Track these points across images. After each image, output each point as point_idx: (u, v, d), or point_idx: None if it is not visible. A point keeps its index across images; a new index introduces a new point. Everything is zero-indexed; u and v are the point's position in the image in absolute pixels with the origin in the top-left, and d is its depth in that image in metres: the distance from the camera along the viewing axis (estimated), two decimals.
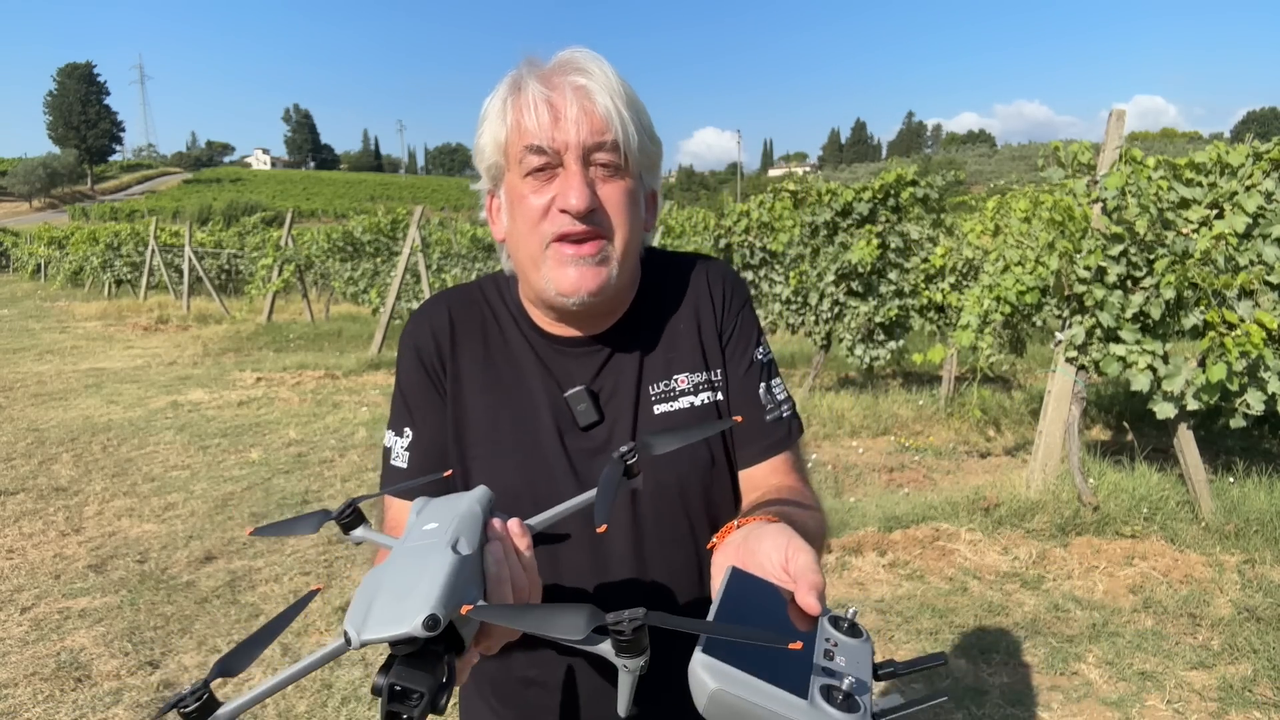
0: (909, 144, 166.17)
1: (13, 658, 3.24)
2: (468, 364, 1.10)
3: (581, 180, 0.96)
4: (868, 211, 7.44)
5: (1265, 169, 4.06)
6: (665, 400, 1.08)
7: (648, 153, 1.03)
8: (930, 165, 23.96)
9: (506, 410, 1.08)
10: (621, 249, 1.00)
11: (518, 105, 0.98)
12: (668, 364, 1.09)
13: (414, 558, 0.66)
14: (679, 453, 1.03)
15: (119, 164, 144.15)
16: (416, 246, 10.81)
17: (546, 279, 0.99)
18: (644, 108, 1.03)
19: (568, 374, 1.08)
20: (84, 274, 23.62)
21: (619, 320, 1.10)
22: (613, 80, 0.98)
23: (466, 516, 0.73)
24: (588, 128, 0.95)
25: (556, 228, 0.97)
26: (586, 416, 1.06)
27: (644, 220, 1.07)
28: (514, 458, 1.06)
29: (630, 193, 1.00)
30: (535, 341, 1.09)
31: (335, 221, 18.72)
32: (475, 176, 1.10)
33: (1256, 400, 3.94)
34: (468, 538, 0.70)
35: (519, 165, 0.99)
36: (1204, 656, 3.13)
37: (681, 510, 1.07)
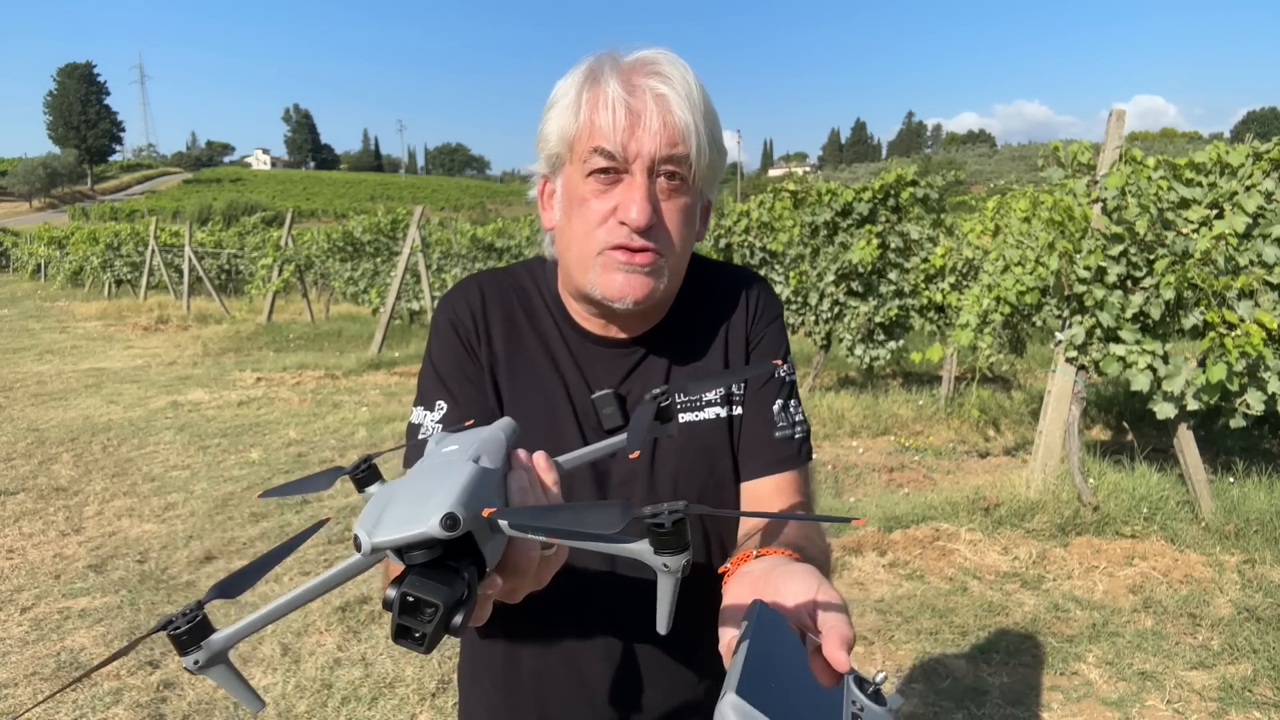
0: (909, 144, 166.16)
1: (13, 658, 3.24)
2: (499, 344, 1.08)
3: (645, 194, 0.94)
4: (868, 211, 7.44)
5: (1265, 169, 4.06)
6: (691, 410, 1.07)
7: (714, 166, 1.01)
8: (930, 165, 23.96)
9: (532, 401, 1.06)
10: (674, 264, 1.00)
11: (594, 101, 0.94)
12: (696, 374, 1.07)
13: (432, 470, 0.61)
14: (703, 464, 1.06)
15: (119, 164, 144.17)
16: (416, 246, 10.82)
17: (594, 283, 0.98)
18: (717, 118, 1.00)
19: (596, 374, 1.07)
20: (84, 274, 23.63)
21: (655, 325, 1.09)
22: (693, 90, 0.96)
23: (490, 440, 0.69)
24: (663, 140, 0.93)
25: (613, 238, 0.95)
26: (611, 420, 1.04)
27: (697, 231, 1.06)
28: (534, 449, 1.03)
29: (689, 209, 1.00)
30: (569, 336, 1.08)
31: (335, 221, 18.73)
32: (475, 176, 1.09)
33: (1256, 400, 3.94)
34: (490, 456, 0.66)
35: (582, 163, 0.96)
36: (1204, 656, 3.13)
37: (697, 522, 1.05)
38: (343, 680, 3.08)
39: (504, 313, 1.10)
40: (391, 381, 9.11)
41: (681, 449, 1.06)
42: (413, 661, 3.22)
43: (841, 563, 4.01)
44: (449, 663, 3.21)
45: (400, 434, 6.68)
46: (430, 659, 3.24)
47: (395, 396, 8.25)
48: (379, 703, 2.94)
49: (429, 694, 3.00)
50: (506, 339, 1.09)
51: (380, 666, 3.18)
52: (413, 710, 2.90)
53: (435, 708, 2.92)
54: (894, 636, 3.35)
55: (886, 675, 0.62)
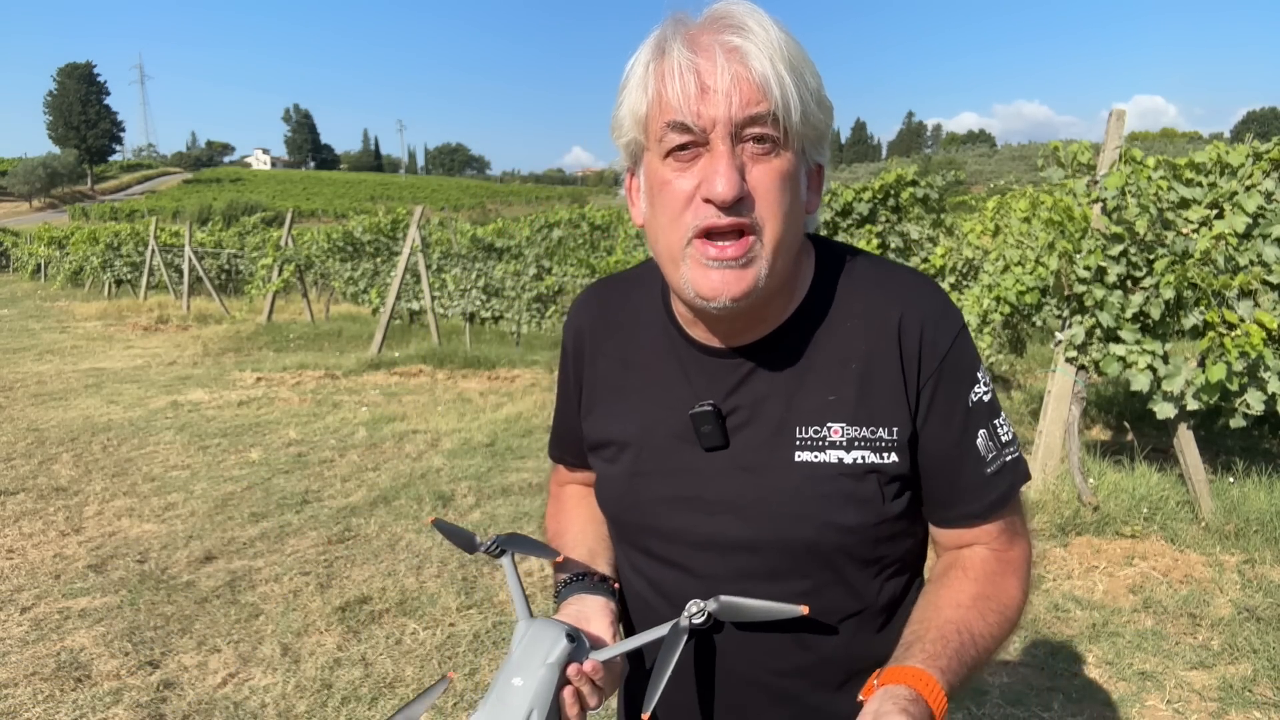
0: (909, 144, 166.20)
1: (13, 658, 3.24)
2: (603, 365, 1.06)
3: (729, 163, 0.81)
4: (868, 211, 7.44)
5: (1265, 169, 4.05)
6: (810, 448, 0.92)
7: (814, 122, 0.87)
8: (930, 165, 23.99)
9: (631, 418, 1.01)
10: (773, 244, 0.86)
11: (660, 73, 0.84)
12: (822, 407, 0.92)
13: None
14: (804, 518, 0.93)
15: (119, 164, 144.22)
16: (416, 246, 10.82)
17: (685, 279, 0.87)
18: (812, 65, 0.87)
19: (702, 387, 0.96)
20: (84, 274, 23.62)
21: (772, 332, 0.94)
22: (774, 36, 0.83)
23: (545, 683, 0.89)
24: (739, 99, 0.81)
25: (700, 220, 0.84)
26: (710, 439, 0.94)
27: (806, 201, 0.92)
28: (628, 467, 1.01)
29: (788, 174, 0.85)
30: (676, 344, 0.99)
31: (335, 221, 18.72)
32: (475, 176, 1.08)
33: (1256, 400, 3.94)
34: (540, 709, 0.87)
35: (659, 144, 0.85)
36: (1204, 656, 3.13)
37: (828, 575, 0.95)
38: (343, 680, 3.08)
39: (617, 325, 1.05)
40: (391, 381, 9.11)
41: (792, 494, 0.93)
42: (413, 661, 3.22)
43: None
44: (449, 663, 3.21)
45: (401, 435, 6.70)
46: (430, 660, 3.24)
47: (395, 396, 8.25)
48: (379, 703, 2.94)
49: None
50: (618, 355, 1.04)
51: (380, 666, 3.18)
52: None
53: (436, 708, 2.92)
54: None
55: None
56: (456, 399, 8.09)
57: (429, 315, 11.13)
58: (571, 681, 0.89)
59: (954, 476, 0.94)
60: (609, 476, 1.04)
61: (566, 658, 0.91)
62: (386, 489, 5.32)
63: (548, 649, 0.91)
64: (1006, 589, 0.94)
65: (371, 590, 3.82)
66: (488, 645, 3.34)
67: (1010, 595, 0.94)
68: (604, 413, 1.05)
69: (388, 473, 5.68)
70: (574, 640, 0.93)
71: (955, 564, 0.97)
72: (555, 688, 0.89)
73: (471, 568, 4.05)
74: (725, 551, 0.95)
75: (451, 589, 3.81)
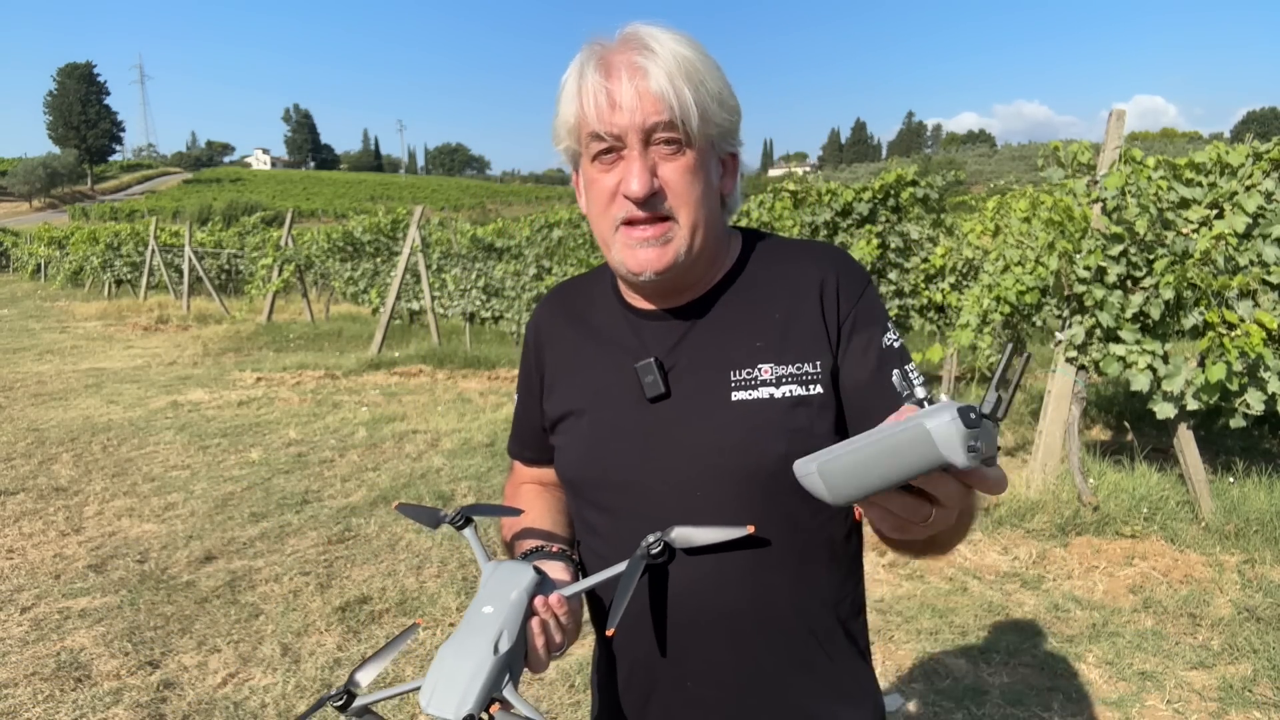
0: (909, 144, 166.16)
1: (13, 658, 3.24)
2: (561, 348, 1.18)
3: (640, 165, 0.98)
4: (868, 211, 7.44)
5: (1265, 169, 4.05)
6: (744, 388, 1.04)
7: (716, 120, 1.02)
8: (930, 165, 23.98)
9: (586, 384, 1.13)
10: (689, 225, 1.02)
11: (580, 92, 1.00)
12: (752, 351, 1.06)
13: (468, 646, 0.93)
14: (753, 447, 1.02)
15: (119, 164, 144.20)
16: (416, 246, 10.81)
17: (618, 259, 1.04)
18: (714, 73, 1.02)
19: (647, 346, 1.09)
20: (84, 274, 23.62)
21: (704, 294, 1.10)
22: (674, 53, 0.98)
23: (514, 605, 0.96)
24: (643, 110, 0.97)
25: (623, 213, 1.01)
26: (653, 389, 1.06)
27: (720, 185, 1.07)
28: (585, 430, 1.12)
29: (693, 168, 1.01)
30: (626, 316, 1.13)
31: (335, 221, 18.71)
32: (475, 176, 1.12)
33: (1256, 400, 3.94)
34: (509, 630, 0.94)
35: (587, 149, 1.02)
36: (1204, 656, 3.13)
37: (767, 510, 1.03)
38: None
39: (573, 315, 1.19)
40: (391, 381, 9.11)
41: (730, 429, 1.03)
42: (413, 661, 3.22)
43: None
44: None
45: (401, 435, 6.70)
46: (430, 660, 3.24)
47: (395, 396, 8.25)
48: (379, 702, 2.94)
49: None
50: (577, 339, 1.17)
51: None
52: (413, 710, 2.90)
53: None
54: (894, 636, 3.35)
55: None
56: (456, 399, 8.09)
57: (429, 315, 11.13)
58: (538, 613, 0.98)
59: (869, 406, 1.03)
60: (568, 444, 1.14)
61: (534, 589, 0.99)
62: (386, 489, 5.32)
63: (515, 581, 0.99)
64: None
65: (371, 590, 3.82)
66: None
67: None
68: (563, 387, 1.16)
69: (388, 473, 5.68)
70: (540, 575, 1.02)
71: None
72: (523, 616, 0.96)
73: (471, 568, 4.05)
74: (675, 493, 1.05)
75: (451, 589, 3.81)
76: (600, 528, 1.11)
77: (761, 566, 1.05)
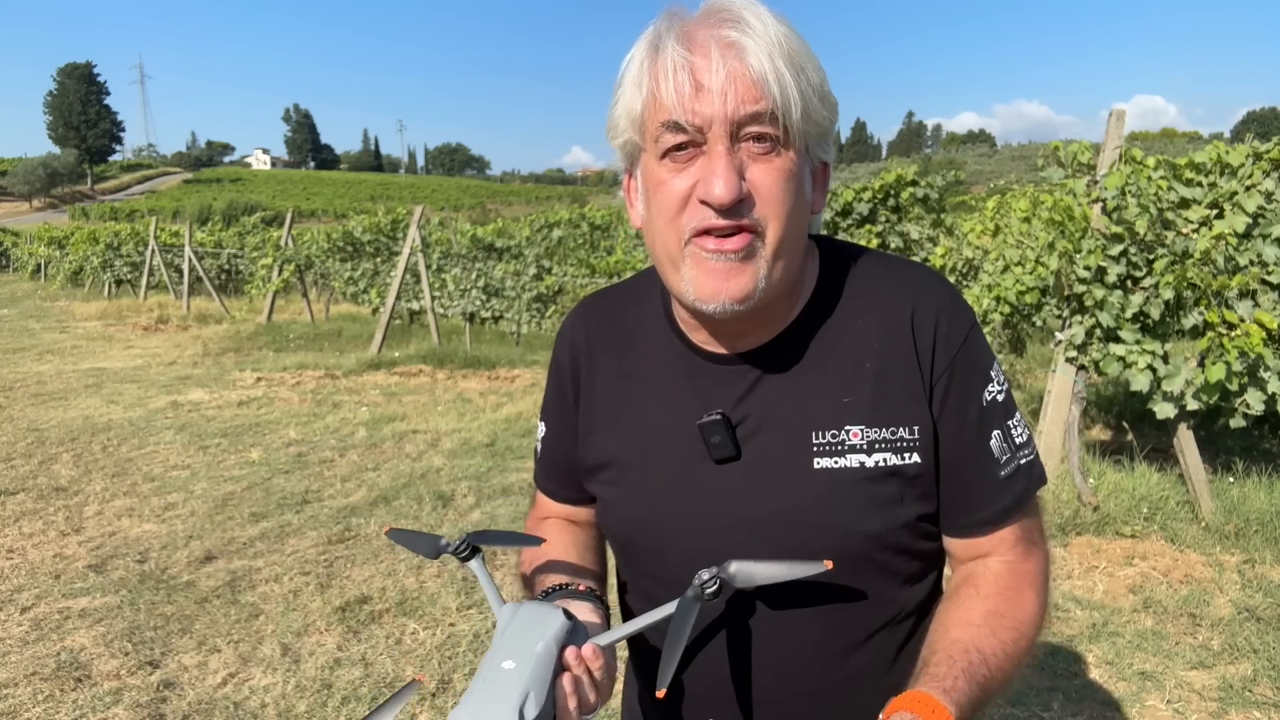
0: (909, 144, 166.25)
1: (13, 658, 3.24)
2: (603, 381, 1.00)
3: (727, 163, 0.78)
4: (868, 211, 7.44)
5: (1265, 169, 4.05)
6: (829, 454, 0.88)
7: (817, 119, 0.83)
8: (930, 165, 23.97)
9: (635, 431, 0.96)
10: (775, 244, 0.82)
11: (654, 71, 0.80)
12: (838, 409, 0.89)
13: (487, 712, 0.74)
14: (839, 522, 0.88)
15: (119, 164, 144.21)
16: (416, 246, 10.82)
17: (685, 280, 0.83)
18: (815, 60, 0.83)
19: (709, 396, 0.92)
20: (84, 274, 23.62)
21: (779, 335, 0.91)
22: (773, 30, 0.79)
23: (540, 659, 0.78)
24: (736, 96, 0.77)
25: (697, 221, 0.81)
26: (720, 450, 0.90)
27: (811, 201, 0.88)
28: (634, 487, 0.96)
29: (790, 173, 0.82)
30: (680, 352, 0.94)
31: (335, 221, 18.71)
32: (475, 176, 1.05)
33: (1256, 400, 3.94)
34: (536, 691, 0.76)
35: (655, 144, 0.82)
36: (1204, 656, 3.13)
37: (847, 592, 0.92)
38: (343, 680, 3.08)
39: (615, 339, 1.00)
40: (391, 381, 9.11)
41: (814, 503, 0.89)
42: (413, 662, 3.22)
43: None
44: (449, 663, 3.21)
45: (401, 435, 6.70)
46: (430, 660, 3.24)
47: (395, 396, 8.25)
48: (379, 703, 2.94)
49: (429, 694, 3.00)
50: (619, 369, 0.99)
51: (380, 666, 3.18)
52: (413, 710, 2.90)
53: (435, 708, 2.92)
54: None
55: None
56: (456, 399, 8.09)
57: (429, 315, 11.13)
58: (570, 668, 0.80)
59: (966, 479, 0.90)
60: (615, 499, 0.98)
61: (564, 638, 0.82)
62: (386, 489, 5.32)
63: (542, 629, 0.81)
64: (1022, 604, 0.90)
65: (371, 590, 3.82)
66: (488, 645, 3.34)
67: (1026, 610, 0.90)
68: (606, 430, 0.99)
69: (388, 473, 5.68)
70: (571, 620, 0.84)
71: (968, 579, 0.94)
72: (553, 672, 0.79)
73: None
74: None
75: (451, 589, 3.81)
76: (657, 596, 0.92)
77: (843, 651, 0.93)
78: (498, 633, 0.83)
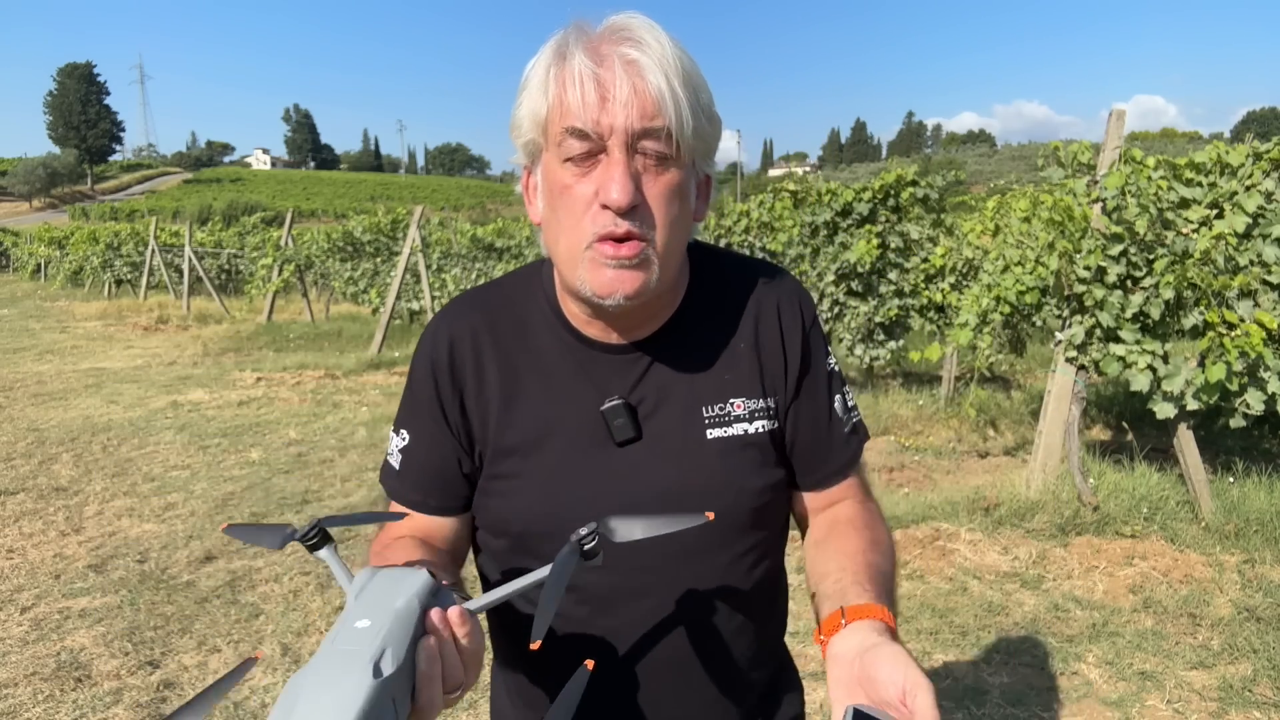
0: (909, 144, 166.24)
1: (13, 658, 3.24)
2: (493, 375, 1.01)
3: (625, 171, 0.85)
4: (868, 211, 7.44)
5: (1265, 169, 4.05)
6: (720, 425, 0.99)
7: (704, 136, 0.91)
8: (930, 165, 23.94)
9: (533, 425, 0.99)
10: (662, 250, 0.90)
11: (561, 78, 0.86)
12: (722, 385, 1.00)
13: (336, 671, 0.65)
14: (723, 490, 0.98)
15: (119, 164, 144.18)
16: (416, 246, 10.82)
17: (583, 279, 0.90)
18: (704, 83, 0.91)
19: (606, 384, 0.98)
20: (84, 274, 23.62)
21: (662, 327, 1.00)
22: (669, 53, 0.86)
23: (401, 617, 0.71)
24: (637, 110, 0.84)
25: (599, 226, 0.87)
26: (623, 432, 0.97)
27: (694, 210, 0.96)
28: (535, 475, 0.99)
29: (678, 186, 0.90)
30: (571, 345, 1.00)
31: (335, 221, 18.71)
32: (475, 176, 1.06)
33: (1256, 400, 3.94)
34: (394, 648, 0.68)
35: (558, 147, 0.88)
36: (1204, 656, 3.13)
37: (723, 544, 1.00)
38: None
39: (500, 334, 1.03)
40: (391, 381, 9.11)
41: (711, 470, 0.99)
42: None
43: None
44: None
45: None
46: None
47: (395, 396, 8.25)
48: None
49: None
50: (503, 367, 1.01)
51: None
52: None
53: None
54: None
55: None
56: None
57: (429, 315, 11.13)
58: (433, 630, 0.74)
59: (824, 434, 1.05)
60: (515, 489, 0.99)
61: (428, 598, 0.75)
62: None
63: (402, 587, 0.74)
64: (884, 533, 1.04)
65: None
66: (487, 646, 3.34)
67: (888, 539, 1.05)
68: (502, 423, 1.00)
69: None
70: (436, 582, 0.78)
71: (837, 520, 1.05)
72: (413, 634, 0.71)
73: (470, 568, 4.05)
74: (647, 541, 0.96)
75: None
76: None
77: (731, 599, 1.01)
78: (350, 595, 0.75)
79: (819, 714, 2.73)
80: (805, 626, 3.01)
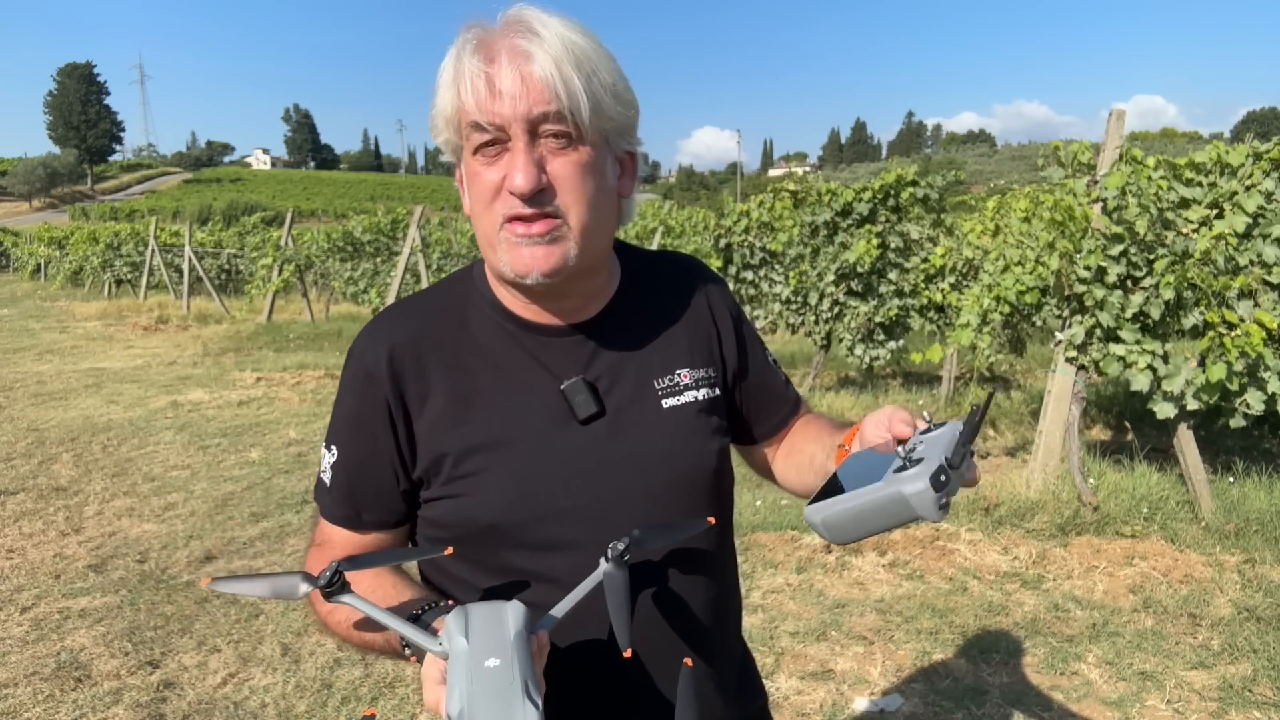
0: (909, 144, 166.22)
1: (13, 658, 3.24)
2: (439, 379, 1.00)
3: (526, 158, 0.89)
4: (868, 211, 7.44)
5: (1265, 169, 4.05)
6: (671, 394, 1.06)
7: (610, 114, 0.94)
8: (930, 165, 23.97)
9: (493, 418, 0.99)
10: (579, 226, 0.93)
11: (456, 79, 0.92)
12: (668, 359, 1.07)
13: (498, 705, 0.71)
14: (686, 451, 1.06)
15: (119, 164, 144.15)
16: (416, 246, 10.82)
17: (503, 260, 0.94)
18: (608, 63, 0.94)
19: (557, 365, 1.01)
20: (84, 274, 23.62)
21: (605, 307, 1.06)
22: (562, 38, 0.90)
23: (520, 648, 0.76)
24: (528, 99, 0.88)
25: (507, 209, 0.92)
26: (585, 408, 1.00)
27: (616, 187, 1.00)
28: (504, 465, 0.98)
29: (587, 165, 0.93)
30: (516, 334, 1.02)
31: (335, 221, 18.71)
32: None
33: (1256, 400, 3.94)
34: (532, 680, 0.74)
35: (468, 142, 0.94)
36: (1204, 656, 3.13)
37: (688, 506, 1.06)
38: (343, 680, 3.08)
39: (438, 344, 1.02)
40: None
41: (671, 438, 1.05)
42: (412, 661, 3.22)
43: (841, 562, 4.01)
44: None
45: None
46: None
47: None
48: (379, 703, 2.94)
49: None
50: (450, 369, 1.01)
51: (380, 666, 3.18)
52: (413, 710, 2.90)
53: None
54: (894, 636, 3.35)
55: (932, 414, 0.92)
56: None
57: None
58: (538, 654, 0.80)
59: (771, 385, 1.19)
60: (484, 484, 0.98)
61: (528, 626, 0.79)
62: None
63: (506, 622, 0.78)
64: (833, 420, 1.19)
65: None
66: None
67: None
68: (458, 423, 0.99)
69: None
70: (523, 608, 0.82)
71: (797, 430, 1.21)
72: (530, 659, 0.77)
73: None
74: (624, 510, 1.00)
75: None
76: (544, 571, 0.98)
77: (713, 574, 1.09)
78: (456, 638, 0.77)
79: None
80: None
